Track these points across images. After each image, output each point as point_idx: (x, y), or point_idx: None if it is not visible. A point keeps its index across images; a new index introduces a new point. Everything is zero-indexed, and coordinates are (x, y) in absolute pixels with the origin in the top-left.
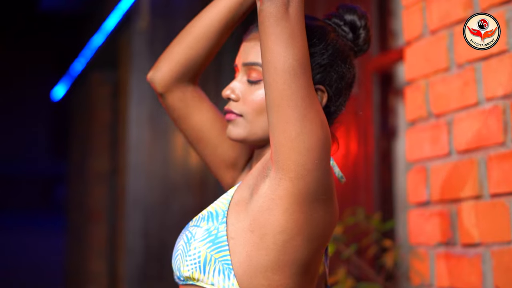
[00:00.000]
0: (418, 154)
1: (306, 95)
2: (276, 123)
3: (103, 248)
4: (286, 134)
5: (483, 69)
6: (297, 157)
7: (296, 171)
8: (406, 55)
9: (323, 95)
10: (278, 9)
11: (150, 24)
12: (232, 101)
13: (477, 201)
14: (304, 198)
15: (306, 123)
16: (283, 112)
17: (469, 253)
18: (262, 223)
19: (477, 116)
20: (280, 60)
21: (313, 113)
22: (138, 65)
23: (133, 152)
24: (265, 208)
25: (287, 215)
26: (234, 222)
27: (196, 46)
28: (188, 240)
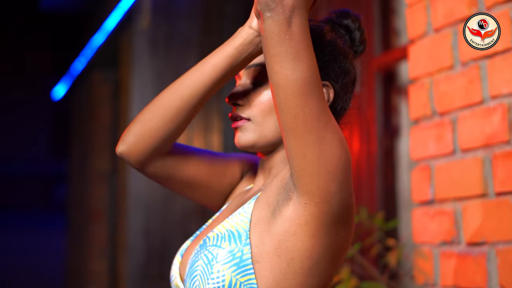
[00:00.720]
0: (422, 153)
1: (320, 114)
2: (294, 149)
3: (104, 247)
4: (306, 159)
5: (488, 67)
6: (320, 181)
7: (321, 196)
8: (410, 53)
9: (329, 90)
10: (280, 27)
11: (151, 23)
12: (238, 106)
13: (482, 199)
14: (330, 221)
15: (325, 145)
16: (299, 136)
17: (474, 251)
18: (289, 248)
19: (482, 114)
20: (289, 82)
21: (330, 133)
22: (139, 64)
23: None
24: (291, 233)
25: (314, 240)
26: (258, 244)
27: (177, 119)
28: (209, 262)
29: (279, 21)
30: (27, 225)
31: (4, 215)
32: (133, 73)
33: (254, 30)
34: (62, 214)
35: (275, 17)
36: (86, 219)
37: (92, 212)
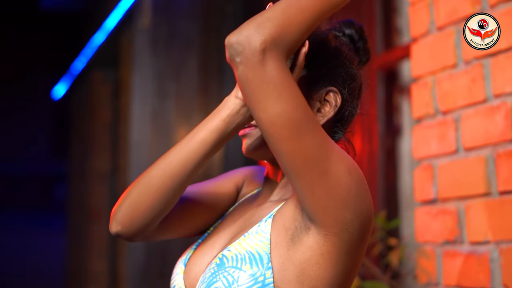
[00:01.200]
0: (425, 152)
1: (319, 150)
2: (300, 188)
3: (104, 247)
4: (315, 196)
5: (491, 66)
6: (335, 212)
7: (339, 226)
8: (413, 52)
9: (336, 96)
10: (254, 72)
11: (152, 22)
12: None
13: (486, 198)
14: (352, 247)
15: (331, 178)
16: (303, 177)
17: (477, 251)
18: (311, 276)
19: (485, 113)
20: (277, 128)
21: (334, 163)
22: (140, 64)
23: (135, 150)
24: (313, 262)
25: (337, 268)
26: (279, 269)
27: (168, 197)
28: (230, 285)
29: (251, 65)
30: (27, 225)
31: (4, 215)
32: (134, 73)
33: (240, 99)
34: (62, 214)
35: (245, 62)
36: (86, 219)
37: (92, 212)
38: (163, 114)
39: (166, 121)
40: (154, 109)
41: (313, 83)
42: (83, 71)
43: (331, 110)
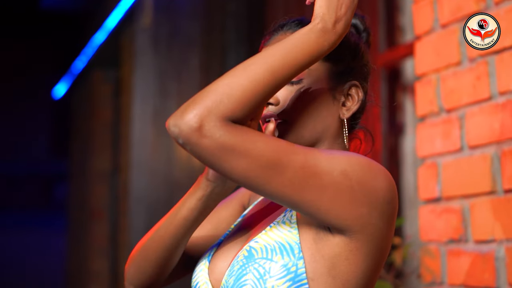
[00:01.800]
0: (429, 150)
1: (303, 170)
2: (306, 212)
3: (105, 247)
4: (322, 211)
5: (496, 63)
6: (349, 214)
7: (359, 223)
8: (417, 49)
9: (358, 90)
10: (201, 147)
11: (153, 21)
12: (271, 105)
13: (491, 196)
14: (379, 236)
15: (329, 189)
16: (301, 203)
17: (482, 249)
18: (343, 271)
19: (490, 111)
20: (253, 178)
21: (325, 174)
22: (141, 63)
23: (136, 149)
24: (343, 258)
25: (368, 261)
26: (310, 261)
27: (167, 262)
28: (262, 276)
29: (195, 142)
30: (27, 225)
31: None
32: (135, 72)
33: (211, 181)
34: (63, 213)
35: (187, 141)
36: (86, 218)
37: (92, 211)
38: (164, 113)
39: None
40: (155, 108)
41: (338, 77)
42: (84, 71)
43: (355, 104)
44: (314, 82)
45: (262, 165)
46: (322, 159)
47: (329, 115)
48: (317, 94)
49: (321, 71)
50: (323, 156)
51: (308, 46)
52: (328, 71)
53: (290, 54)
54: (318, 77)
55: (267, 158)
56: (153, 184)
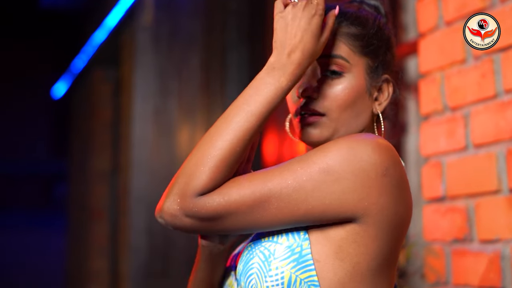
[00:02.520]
0: (433, 149)
1: (281, 191)
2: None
3: (105, 246)
4: (319, 216)
5: (501, 61)
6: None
7: (360, 210)
8: (421, 47)
9: (389, 86)
10: (190, 223)
11: (154, 19)
12: (310, 99)
13: (496, 196)
14: (387, 214)
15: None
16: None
17: (487, 249)
18: (352, 253)
19: (495, 109)
20: (251, 226)
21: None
22: (142, 61)
23: (137, 148)
24: (351, 240)
25: (378, 241)
26: (315, 242)
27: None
28: (267, 259)
29: (183, 225)
30: (27, 225)
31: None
32: (135, 71)
33: (205, 246)
34: (62, 213)
35: (177, 225)
36: (86, 218)
37: (92, 211)
38: (165, 112)
39: (168, 119)
40: (156, 108)
41: (374, 72)
42: (84, 70)
43: (386, 99)
44: (354, 77)
45: (247, 211)
46: (298, 169)
47: (364, 111)
48: (356, 89)
49: (361, 66)
50: (298, 164)
51: (267, 92)
52: (366, 65)
53: (253, 109)
54: (358, 72)
55: (248, 204)
56: (153, 184)
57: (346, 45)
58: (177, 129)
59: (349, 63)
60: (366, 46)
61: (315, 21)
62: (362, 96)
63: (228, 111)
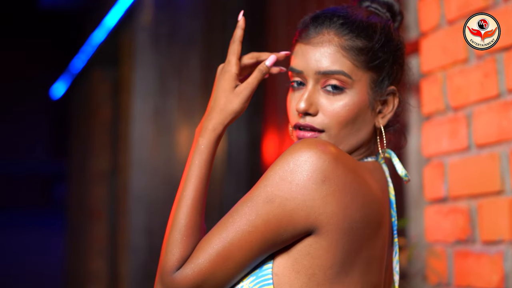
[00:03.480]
0: (435, 149)
1: (239, 236)
2: (271, 249)
3: (104, 247)
4: (277, 243)
5: (504, 60)
6: (297, 225)
7: (309, 224)
8: (422, 46)
9: (394, 98)
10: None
11: (153, 19)
12: (308, 115)
13: (499, 196)
14: (336, 222)
15: (266, 226)
16: (261, 251)
17: (490, 250)
18: (306, 265)
19: (498, 109)
20: (231, 271)
21: (255, 218)
22: (142, 60)
23: (136, 148)
24: (304, 252)
25: (333, 250)
26: (277, 256)
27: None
28: None
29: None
30: (26, 225)
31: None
32: (135, 70)
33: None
34: (62, 213)
35: None
36: (86, 218)
37: (92, 211)
38: (164, 112)
39: (167, 119)
40: (155, 107)
41: (379, 86)
42: (83, 70)
43: (390, 111)
44: (356, 93)
45: (220, 268)
46: (246, 210)
47: (365, 126)
48: (358, 106)
49: (364, 81)
50: (246, 205)
51: (197, 159)
52: (370, 80)
53: (193, 181)
54: (360, 88)
55: (217, 262)
56: (153, 184)
57: (349, 60)
58: (177, 129)
59: (352, 79)
60: (371, 60)
61: (226, 77)
62: (364, 112)
63: (180, 187)
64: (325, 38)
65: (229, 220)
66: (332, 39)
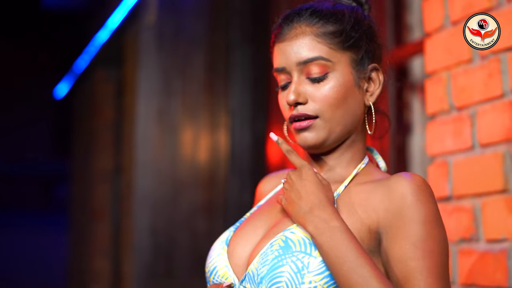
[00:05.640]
0: (439, 148)
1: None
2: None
3: (107, 247)
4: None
5: (508, 60)
6: None
7: None
8: (427, 46)
9: (379, 73)
10: None
11: (157, 19)
12: (300, 105)
13: (503, 195)
14: None
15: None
16: None
17: (494, 249)
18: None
19: (502, 108)
20: None
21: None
22: (146, 60)
23: (140, 148)
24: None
25: None
26: None
27: None
28: (300, 271)
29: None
30: (28, 225)
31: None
32: (139, 70)
33: None
34: (64, 213)
35: None
36: (88, 218)
37: (95, 211)
38: (168, 112)
39: (171, 119)
40: (159, 107)
41: (359, 64)
42: (86, 70)
43: (378, 87)
44: (340, 74)
45: None
46: (435, 249)
47: (357, 105)
48: (344, 86)
49: (344, 62)
50: (430, 247)
51: (343, 242)
52: (350, 59)
53: (354, 260)
54: (343, 68)
55: None
56: (156, 184)
57: (324, 45)
58: (181, 129)
59: (332, 61)
60: (345, 40)
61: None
62: (352, 91)
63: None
64: (298, 31)
65: (438, 260)
66: (305, 30)
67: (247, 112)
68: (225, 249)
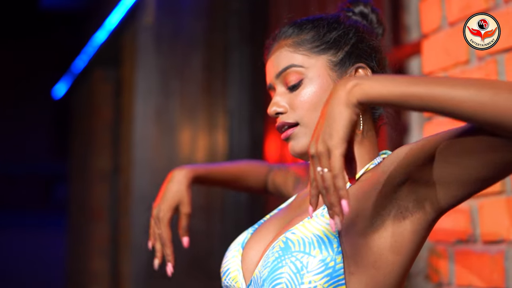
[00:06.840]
0: None
1: None
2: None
3: (105, 247)
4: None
5: (505, 62)
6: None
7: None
8: (424, 48)
9: (366, 71)
10: None
11: (156, 19)
12: (281, 114)
13: (500, 196)
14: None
15: None
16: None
17: (491, 250)
18: (389, 261)
19: None
20: None
21: None
22: (144, 61)
23: (138, 148)
24: (394, 251)
25: (414, 254)
26: (351, 255)
27: None
28: (299, 271)
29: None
30: (27, 225)
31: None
32: (137, 70)
33: None
34: (63, 213)
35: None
36: (87, 218)
37: (93, 211)
38: (166, 112)
39: (169, 119)
40: (157, 108)
41: (340, 65)
42: (84, 70)
43: None
44: (316, 77)
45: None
46: None
47: None
48: (320, 88)
49: (320, 65)
50: None
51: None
52: (327, 62)
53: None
54: (318, 72)
55: None
56: (155, 184)
57: (296, 53)
58: (179, 129)
59: (304, 67)
60: (320, 44)
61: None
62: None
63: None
64: (276, 47)
65: None
66: (281, 44)
67: (245, 112)
68: (240, 251)
